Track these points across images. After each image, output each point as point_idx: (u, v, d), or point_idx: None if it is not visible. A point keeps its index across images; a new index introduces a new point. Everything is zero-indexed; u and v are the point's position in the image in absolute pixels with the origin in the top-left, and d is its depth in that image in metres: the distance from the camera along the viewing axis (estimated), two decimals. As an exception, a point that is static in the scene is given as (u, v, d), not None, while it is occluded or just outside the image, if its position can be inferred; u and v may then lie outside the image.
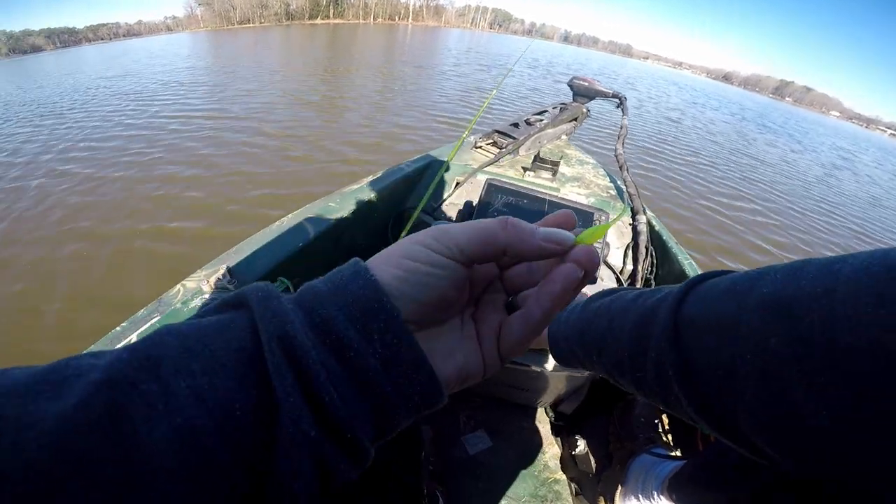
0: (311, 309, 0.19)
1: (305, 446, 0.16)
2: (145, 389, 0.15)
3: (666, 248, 1.04)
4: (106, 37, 55.66)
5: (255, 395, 0.16)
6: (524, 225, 0.21)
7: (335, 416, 0.17)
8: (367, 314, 0.19)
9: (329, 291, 0.19)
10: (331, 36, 24.56)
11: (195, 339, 0.17)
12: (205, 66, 10.66)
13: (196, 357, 0.16)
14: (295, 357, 0.17)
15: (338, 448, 0.17)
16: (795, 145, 11.72)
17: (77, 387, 0.14)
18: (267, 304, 0.18)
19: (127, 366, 0.15)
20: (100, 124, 5.33)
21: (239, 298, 0.19)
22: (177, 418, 0.15)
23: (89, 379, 0.14)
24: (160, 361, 0.16)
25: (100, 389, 0.14)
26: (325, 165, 3.89)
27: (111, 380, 0.14)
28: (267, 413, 0.16)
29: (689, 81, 46.35)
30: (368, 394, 0.18)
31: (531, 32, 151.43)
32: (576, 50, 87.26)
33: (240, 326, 0.18)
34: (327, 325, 0.18)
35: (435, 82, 8.94)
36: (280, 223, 0.91)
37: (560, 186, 1.19)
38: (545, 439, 0.91)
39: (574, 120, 1.53)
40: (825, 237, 4.31)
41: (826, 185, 6.99)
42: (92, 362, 0.15)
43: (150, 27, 67.38)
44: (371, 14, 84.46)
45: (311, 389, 0.17)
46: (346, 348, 0.18)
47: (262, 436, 0.16)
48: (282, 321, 0.17)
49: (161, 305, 0.68)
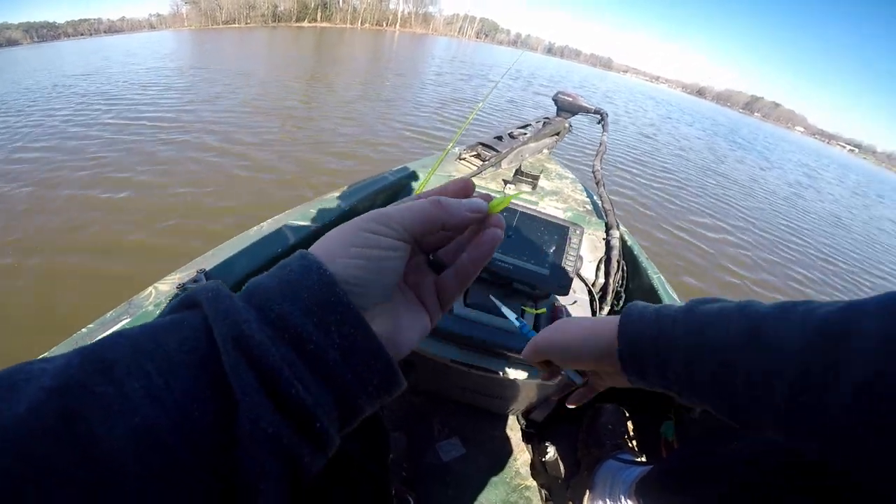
0: (264, 305, 0.19)
1: (266, 444, 0.16)
2: (100, 392, 0.14)
3: (637, 263, 1.08)
4: (86, 32, 53.57)
5: (210, 396, 0.16)
6: (452, 201, 0.24)
7: (303, 410, 0.17)
8: (322, 307, 0.19)
9: (279, 286, 0.19)
10: (316, 40, 24.11)
11: (147, 339, 0.17)
12: (175, 66, 10.22)
13: (149, 358, 0.16)
14: (254, 356, 0.17)
15: (305, 441, 0.18)
16: (764, 162, 12.17)
17: (28, 391, 0.14)
18: (218, 304, 0.18)
19: (78, 370, 0.15)
20: (32, 130, 4.85)
21: (190, 299, 0.19)
22: (134, 418, 0.14)
23: (40, 384, 0.14)
24: (113, 364, 0.15)
25: (51, 394, 0.14)
26: (276, 182, 3.58)
27: (63, 384, 0.14)
28: (225, 413, 0.16)
29: (666, 96, 47.46)
30: (331, 384, 0.19)
31: (516, 43, 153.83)
32: (559, 62, 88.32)
33: (191, 326, 0.18)
34: (283, 320, 0.18)
35: (412, 93, 8.75)
36: (259, 228, 0.90)
37: (539, 200, 1.22)
38: (516, 447, 0.93)
39: (556, 134, 1.58)
40: (791, 261, 4.44)
41: (792, 206, 7.24)
42: (42, 366, 0.15)
43: (132, 24, 65.26)
44: (359, 19, 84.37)
45: (276, 386, 0.17)
46: (306, 341, 0.18)
47: (221, 436, 0.16)
48: (235, 321, 0.17)
49: (131, 307, 0.66)
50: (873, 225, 8.21)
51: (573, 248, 0.78)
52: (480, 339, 0.74)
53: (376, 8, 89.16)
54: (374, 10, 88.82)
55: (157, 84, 7.74)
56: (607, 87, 26.67)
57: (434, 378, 0.85)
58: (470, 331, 0.74)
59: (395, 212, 0.23)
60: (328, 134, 5.07)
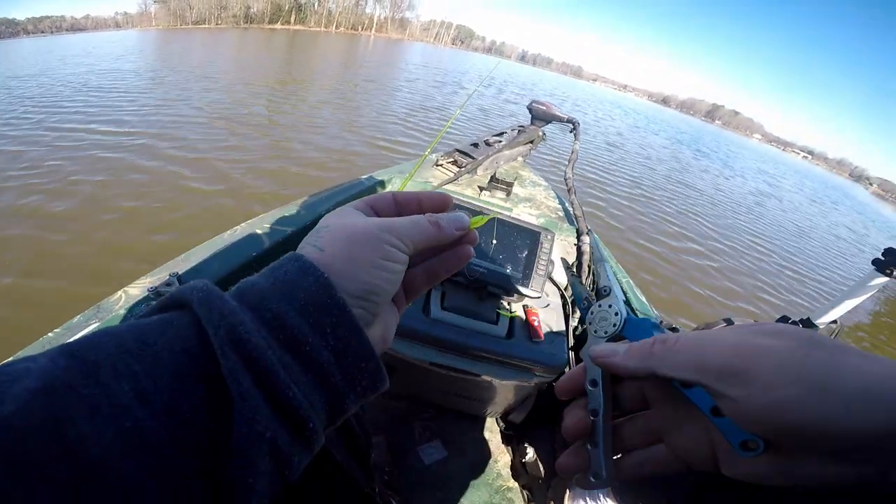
0: (259, 305, 0.19)
1: (264, 445, 0.17)
2: (86, 393, 0.14)
3: (604, 268, 1.11)
4: (48, 30, 50.51)
5: (202, 397, 0.16)
6: (446, 222, 0.25)
7: (297, 412, 0.18)
8: (319, 308, 0.19)
9: (273, 287, 0.20)
10: (288, 43, 23.38)
11: (133, 339, 0.17)
12: (132, 68, 9.68)
13: (137, 358, 0.16)
14: (251, 359, 0.17)
15: (297, 441, 0.18)
16: (727, 171, 12.74)
17: (12, 393, 0.14)
18: (211, 305, 0.18)
19: (64, 371, 0.15)
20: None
21: (177, 299, 0.19)
22: (124, 421, 0.14)
23: (25, 385, 0.14)
24: (98, 364, 0.15)
25: (36, 395, 0.14)
26: (224, 199, 3.30)
27: (48, 385, 0.14)
28: (217, 414, 0.16)
29: (633, 104, 49.26)
30: (323, 385, 0.19)
31: (491, 50, 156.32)
32: (531, 70, 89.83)
33: (182, 326, 0.18)
34: (279, 320, 0.18)
35: (381, 101, 8.54)
36: (233, 232, 0.90)
37: (513, 206, 1.25)
38: (497, 448, 0.95)
39: (531, 142, 1.63)
40: (759, 274, 4.54)
41: (756, 216, 7.47)
42: (26, 366, 0.15)
43: (97, 22, 62.04)
44: (334, 22, 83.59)
45: (273, 389, 0.17)
46: (301, 343, 0.19)
47: (213, 436, 0.16)
48: (232, 323, 0.17)
49: (100, 312, 0.65)
50: (831, 232, 8.70)
51: (545, 253, 0.81)
52: (457, 342, 0.75)
53: (351, 12, 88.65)
54: (350, 13, 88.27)
55: (108, 87, 7.31)
56: (577, 97, 26.83)
57: (414, 382, 0.86)
58: (447, 334, 0.75)
59: (402, 228, 0.24)
60: (290, 142, 4.88)
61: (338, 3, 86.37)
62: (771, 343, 0.20)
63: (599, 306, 0.29)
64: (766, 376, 0.19)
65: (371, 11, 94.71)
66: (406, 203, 0.28)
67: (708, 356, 0.21)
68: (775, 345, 0.20)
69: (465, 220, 0.26)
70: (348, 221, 0.24)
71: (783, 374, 0.19)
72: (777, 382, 0.19)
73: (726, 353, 0.21)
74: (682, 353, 0.22)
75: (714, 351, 0.21)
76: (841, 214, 12.43)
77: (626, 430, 0.26)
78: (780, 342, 0.20)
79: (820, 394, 0.18)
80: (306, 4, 79.37)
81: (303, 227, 0.97)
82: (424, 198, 0.28)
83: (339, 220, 0.24)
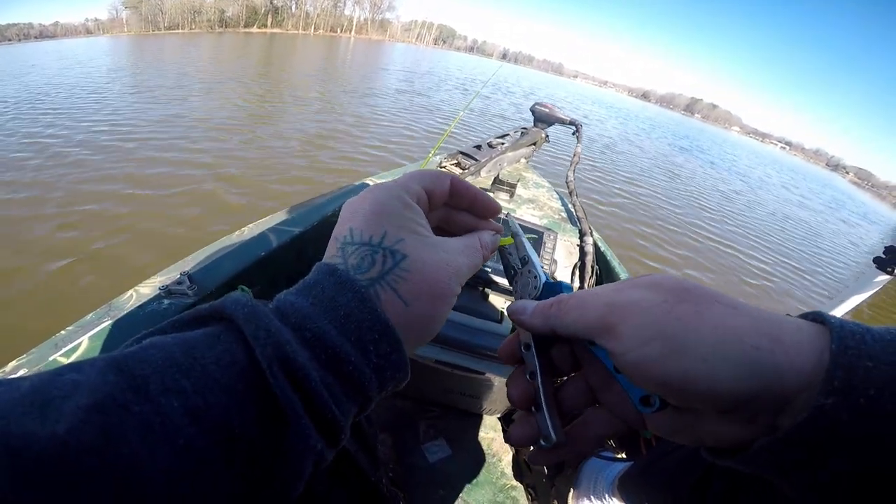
0: (300, 325, 0.19)
1: (312, 456, 0.18)
2: (137, 410, 0.14)
3: (609, 268, 1.14)
4: (14, 38, 48.90)
5: (252, 412, 0.17)
6: (487, 252, 0.27)
7: (336, 427, 0.19)
8: (360, 326, 0.19)
9: (312, 305, 0.19)
10: (263, 48, 22.41)
11: (181, 353, 0.17)
12: (77, 72, 9.01)
13: (186, 373, 0.16)
14: (297, 379, 0.17)
15: (331, 447, 0.19)
16: (741, 181, 11.47)
17: (64, 410, 0.13)
18: (258, 322, 0.18)
19: (114, 387, 0.15)
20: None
21: (218, 311, 0.19)
22: (177, 440, 0.15)
23: (77, 402, 0.14)
24: (147, 380, 0.15)
25: (90, 413, 0.14)
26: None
27: (100, 402, 0.14)
28: (265, 428, 0.17)
29: (614, 100, 49.40)
30: (359, 398, 0.20)
31: (473, 49, 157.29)
32: (513, 68, 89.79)
33: (229, 341, 0.18)
34: (320, 340, 0.19)
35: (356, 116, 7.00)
36: (241, 232, 0.91)
37: (516, 207, 1.26)
38: (501, 447, 0.95)
39: (533, 144, 1.64)
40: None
41: (781, 225, 7.02)
42: (74, 379, 0.15)
43: (67, 29, 60.44)
44: (312, 25, 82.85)
45: (315, 408, 0.18)
46: (344, 362, 0.19)
47: (261, 451, 0.17)
48: (279, 342, 0.17)
49: (112, 310, 0.65)
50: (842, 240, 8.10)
51: (548, 252, 0.81)
52: (462, 340, 0.76)
53: (330, 14, 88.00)
54: (329, 15, 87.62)
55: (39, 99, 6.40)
56: (561, 96, 25.63)
57: (419, 381, 0.86)
58: (451, 332, 0.76)
59: (465, 271, 0.24)
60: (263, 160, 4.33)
61: (315, 5, 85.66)
62: (641, 296, 0.20)
63: (521, 273, 0.31)
64: (631, 331, 0.19)
65: (350, 13, 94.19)
66: (460, 196, 0.27)
67: (588, 313, 0.21)
68: (644, 298, 0.20)
69: (497, 242, 0.28)
70: (426, 256, 0.22)
71: (646, 329, 0.19)
72: (641, 338, 0.19)
73: (601, 309, 0.21)
74: (571, 311, 0.22)
75: (592, 308, 0.21)
76: (855, 227, 11.36)
77: (566, 391, 0.26)
78: (649, 295, 0.20)
79: (680, 350, 0.18)
80: (283, 7, 78.48)
81: (310, 227, 0.98)
82: (480, 201, 0.28)
83: (412, 241, 0.22)
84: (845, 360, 0.16)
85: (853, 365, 0.16)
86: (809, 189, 18.15)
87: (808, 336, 0.18)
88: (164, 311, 0.67)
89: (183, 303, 0.69)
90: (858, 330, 0.17)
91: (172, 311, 0.67)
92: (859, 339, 0.17)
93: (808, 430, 0.16)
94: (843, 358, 0.16)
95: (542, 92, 23.01)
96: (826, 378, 0.16)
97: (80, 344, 0.59)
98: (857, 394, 0.16)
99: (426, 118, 7.68)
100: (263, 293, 0.83)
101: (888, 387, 0.16)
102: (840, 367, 0.16)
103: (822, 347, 0.17)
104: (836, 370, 0.16)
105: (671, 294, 0.20)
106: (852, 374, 0.16)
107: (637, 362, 0.19)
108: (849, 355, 0.16)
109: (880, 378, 0.16)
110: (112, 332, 0.62)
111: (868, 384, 0.16)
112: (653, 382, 0.19)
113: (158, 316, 0.66)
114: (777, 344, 0.18)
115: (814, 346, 0.18)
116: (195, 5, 62.62)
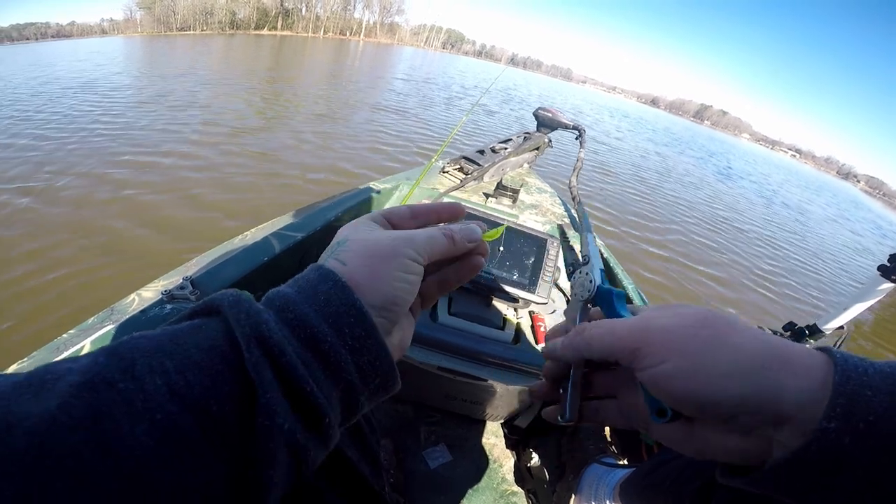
0: (283, 307, 0.20)
1: (281, 436, 0.18)
2: (122, 388, 0.15)
3: (612, 274, 1.13)
4: (32, 37, 50.01)
5: (228, 391, 0.17)
6: (457, 235, 0.27)
7: (314, 406, 0.19)
8: (339, 311, 0.21)
9: (296, 293, 0.21)
10: (274, 50, 21.92)
11: (167, 341, 0.18)
12: (72, 71, 8.75)
13: (169, 356, 0.17)
14: (273, 354, 0.18)
15: (313, 435, 0.19)
16: (764, 196, 10.30)
17: (57, 389, 0.15)
18: (239, 306, 0.19)
19: (104, 367, 0.16)
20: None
21: (208, 306, 0.21)
22: (156, 414, 0.15)
23: (68, 381, 0.15)
24: (134, 361, 0.16)
25: (80, 390, 0.15)
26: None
27: (90, 381, 0.15)
28: (242, 408, 0.17)
29: (624, 106, 48.35)
30: (339, 382, 0.20)
31: (481, 54, 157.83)
32: (523, 73, 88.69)
33: (211, 328, 0.19)
34: (300, 320, 0.20)
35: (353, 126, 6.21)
36: (243, 237, 0.91)
37: (519, 213, 1.25)
38: (502, 453, 0.95)
39: (536, 149, 1.64)
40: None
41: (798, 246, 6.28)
42: (69, 366, 0.16)
43: (83, 29, 61.73)
44: (321, 28, 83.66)
45: (292, 383, 0.18)
46: (321, 341, 0.20)
47: (237, 429, 0.17)
48: (256, 322, 0.19)
49: (114, 314, 0.66)
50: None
51: (551, 260, 0.82)
52: (464, 347, 0.75)
53: (340, 17, 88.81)
54: (338, 18, 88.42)
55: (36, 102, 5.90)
56: (571, 105, 23.35)
57: (420, 386, 0.86)
58: (454, 339, 0.76)
59: (420, 241, 0.25)
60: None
61: (325, 8, 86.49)
62: (666, 323, 0.23)
63: (579, 273, 0.33)
64: (654, 351, 0.23)
65: (360, 16, 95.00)
66: (422, 215, 0.29)
67: (616, 342, 0.25)
68: (668, 324, 0.23)
69: (478, 232, 0.28)
70: (368, 236, 0.25)
71: (668, 349, 0.22)
72: (663, 357, 0.22)
73: (625, 335, 0.24)
74: (595, 340, 0.26)
75: (618, 336, 0.25)
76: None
77: (598, 378, 0.31)
78: (674, 322, 0.23)
79: (697, 367, 0.21)
80: (293, 10, 79.36)
81: (313, 232, 0.98)
82: (440, 209, 0.29)
83: (358, 234, 0.26)
84: (848, 388, 0.19)
85: (855, 393, 0.18)
86: (860, 221, 14.29)
87: (818, 362, 0.20)
88: (166, 316, 0.67)
89: (185, 307, 0.69)
90: (861, 364, 0.20)
91: (174, 315, 0.68)
92: (861, 372, 0.19)
93: (815, 452, 0.18)
94: (846, 387, 0.19)
95: (558, 101, 22.03)
96: (829, 405, 0.19)
97: (83, 348, 0.59)
98: (857, 419, 0.18)
99: (443, 114, 7.53)
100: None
101: (887, 413, 0.18)
102: (842, 394, 0.19)
103: (827, 373, 0.20)
104: (838, 398, 0.19)
105: (696, 320, 0.23)
106: (854, 401, 0.18)
107: (657, 376, 0.22)
108: (851, 384, 0.19)
109: (881, 406, 0.18)
110: (114, 336, 0.62)
111: (868, 411, 0.18)
112: (670, 395, 0.22)
113: (160, 320, 0.66)
114: (786, 365, 0.20)
115: (821, 371, 0.20)
116: (207, 7, 63.56)
